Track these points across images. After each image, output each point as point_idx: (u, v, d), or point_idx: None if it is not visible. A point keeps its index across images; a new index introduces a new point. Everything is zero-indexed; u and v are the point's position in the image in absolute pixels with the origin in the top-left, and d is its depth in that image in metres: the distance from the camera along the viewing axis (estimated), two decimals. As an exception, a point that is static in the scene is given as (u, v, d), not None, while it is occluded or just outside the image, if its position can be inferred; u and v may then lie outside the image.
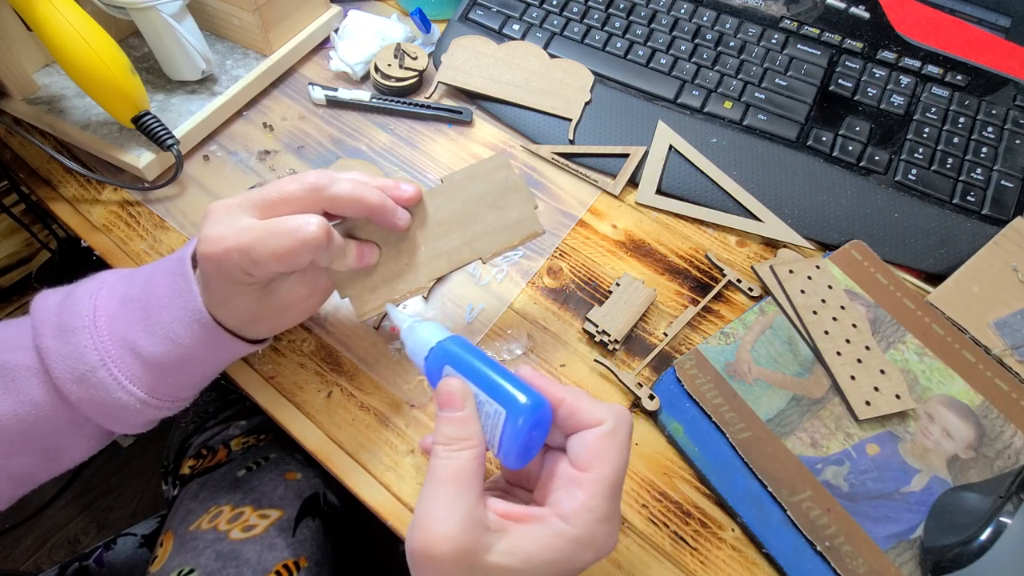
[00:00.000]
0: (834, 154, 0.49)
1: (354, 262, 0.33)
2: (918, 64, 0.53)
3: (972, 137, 0.49)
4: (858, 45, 0.54)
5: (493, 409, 0.27)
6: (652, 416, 0.39)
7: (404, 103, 0.51)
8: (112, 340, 0.32)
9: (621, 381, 0.40)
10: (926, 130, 0.50)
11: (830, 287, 0.43)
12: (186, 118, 0.47)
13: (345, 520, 0.54)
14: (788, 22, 0.56)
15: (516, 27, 0.55)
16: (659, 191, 0.48)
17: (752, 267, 0.45)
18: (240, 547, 0.45)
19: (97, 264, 0.43)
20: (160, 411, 0.35)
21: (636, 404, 0.39)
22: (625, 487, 0.37)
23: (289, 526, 0.48)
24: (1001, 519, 0.32)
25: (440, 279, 0.35)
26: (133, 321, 0.32)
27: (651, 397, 0.39)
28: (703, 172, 0.49)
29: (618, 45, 0.54)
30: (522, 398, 0.26)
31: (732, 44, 0.54)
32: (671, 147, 0.50)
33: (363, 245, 0.34)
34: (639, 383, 0.40)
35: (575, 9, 0.56)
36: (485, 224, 0.36)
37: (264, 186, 0.31)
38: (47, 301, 0.33)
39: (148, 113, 0.43)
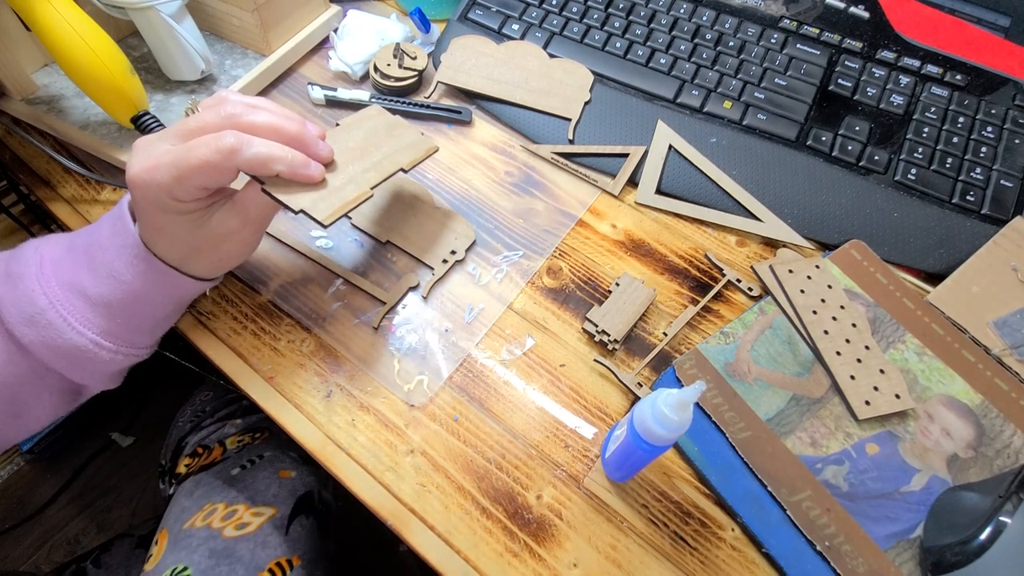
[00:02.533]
0: (834, 154, 0.49)
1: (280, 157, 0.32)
2: (918, 64, 0.53)
3: (972, 137, 0.49)
4: (858, 45, 0.54)
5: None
6: (652, 416, 0.39)
7: (403, 103, 0.51)
8: (59, 284, 0.33)
9: (621, 381, 0.40)
10: (926, 130, 0.50)
11: (830, 287, 0.43)
12: (185, 118, 0.47)
13: (339, 518, 0.55)
14: (787, 22, 0.56)
15: (515, 27, 0.55)
16: (659, 191, 0.48)
17: (752, 267, 0.45)
18: (233, 545, 0.45)
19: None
20: (118, 356, 0.35)
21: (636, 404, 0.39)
22: (625, 487, 0.37)
23: (282, 524, 0.48)
24: (1001, 518, 0.32)
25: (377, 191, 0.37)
26: (77, 264, 0.33)
27: (651, 397, 0.39)
28: (703, 172, 0.49)
29: (618, 45, 0.54)
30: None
31: (732, 44, 0.54)
32: (671, 147, 0.50)
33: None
34: (639, 383, 0.40)
35: (574, 9, 0.56)
36: (389, 147, 0.40)
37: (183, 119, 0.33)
38: None
39: (147, 113, 0.43)
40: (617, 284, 0.43)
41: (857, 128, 0.50)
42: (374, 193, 0.36)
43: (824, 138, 0.49)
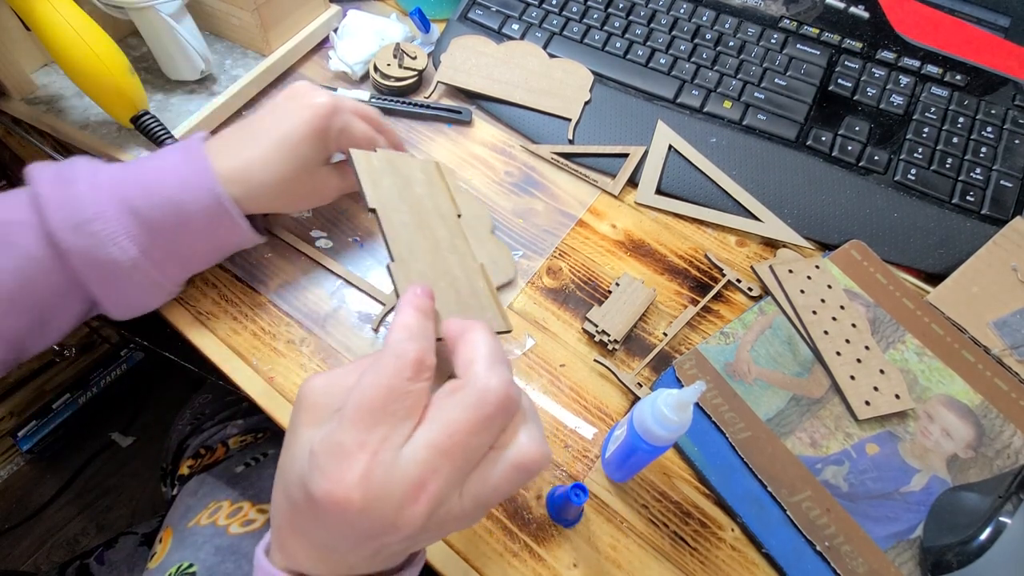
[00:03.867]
0: (833, 154, 0.49)
1: None
2: (917, 64, 0.53)
3: (971, 137, 0.49)
4: (857, 45, 0.54)
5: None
6: (652, 416, 0.39)
7: (403, 103, 0.51)
8: (111, 196, 0.33)
9: (621, 381, 0.40)
10: (925, 130, 0.50)
11: (829, 287, 0.43)
12: (185, 118, 0.47)
13: None
14: (787, 22, 0.56)
15: (515, 27, 0.55)
16: (659, 191, 0.48)
17: (752, 267, 0.45)
18: (239, 541, 0.45)
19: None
20: (145, 281, 0.35)
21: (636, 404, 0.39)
22: (625, 487, 0.37)
23: None
24: (1000, 519, 0.32)
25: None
26: (129, 182, 0.34)
27: (651, 397, 0.39)
28: (703, 172, 0.49)
29: (617, 45, 0.54)
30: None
31: (731, 44, 0.54)
32: (671, 147, 0.50)
33: None
34: (639, 383, 0.40)
35: (574, 9, 0.56)
36: (424, 198, 0.38)
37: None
38: (42, 165, 0.34)
39: (147, 113, 0.43)
40: (617, 284, 0.43)
41: (857, 128, 0.50)
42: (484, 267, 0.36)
43: (824, 138, 0.49)
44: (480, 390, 0.22)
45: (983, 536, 0.32)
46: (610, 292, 0.43)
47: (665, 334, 0.42)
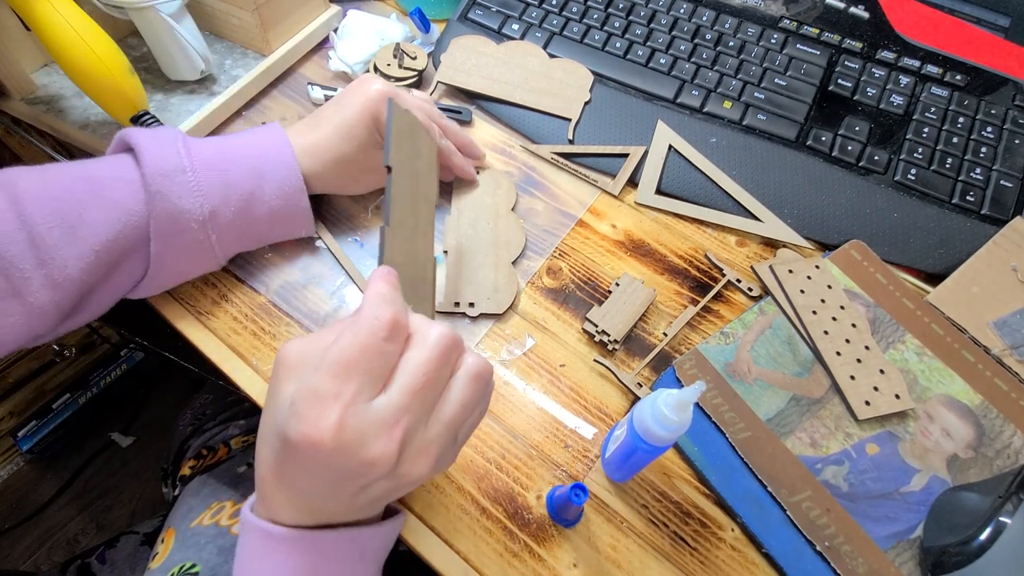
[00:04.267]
0: (833, 154, 0.49)
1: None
2: (917, 64, 0.53)
3: (971, 137, 0.49)
4: (857, 45, 0.54)
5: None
6: (652, 416, 0.39)
7: (403, 103, 0.51)
8: (199, 155, 0.36)
9: (621, 381, 0.40)
10: (925, 130, 0.50)
11: (829, 287, 0.43)
12: (185, 118, 0.47)
13: None
14: (787, 22, 0.55)
15: (515, 27, 0.55)
16: (659, 191, 0.48)
17: (752, 267, 0.45)
18: None
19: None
20: (207, 240, 0.37)
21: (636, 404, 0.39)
22: (625, 487, 0.37)
23: None
24: (1000, 519, 0.32)
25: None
26: (214, 146, 0.37)
27: (651, 397, 0.39)
28: (703, 172, 0.49)
29: (617, 45, 0.54)
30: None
31: (731, 44, 0.54)
32: (671, 147, 0.50)
33: None
34: (639, 383, 0.40)
35: (574, 9, 0.56)
36: (421, 172, 0.39)
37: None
38: (132, 130, 0.37)
39: (147, 113, 0.43)
40: (617, 284, 0.43)
41: (857, 128, 0.50)
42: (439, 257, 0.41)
43: (824, 138, 0.49)
44: (435, 336, 0.25)
45: (983, 536, 0.32)
46: (610, 292, 0.43)
47: (665, 334, 0.42)
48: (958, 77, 0.52)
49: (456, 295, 0.42)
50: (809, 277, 0.43)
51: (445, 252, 0.44)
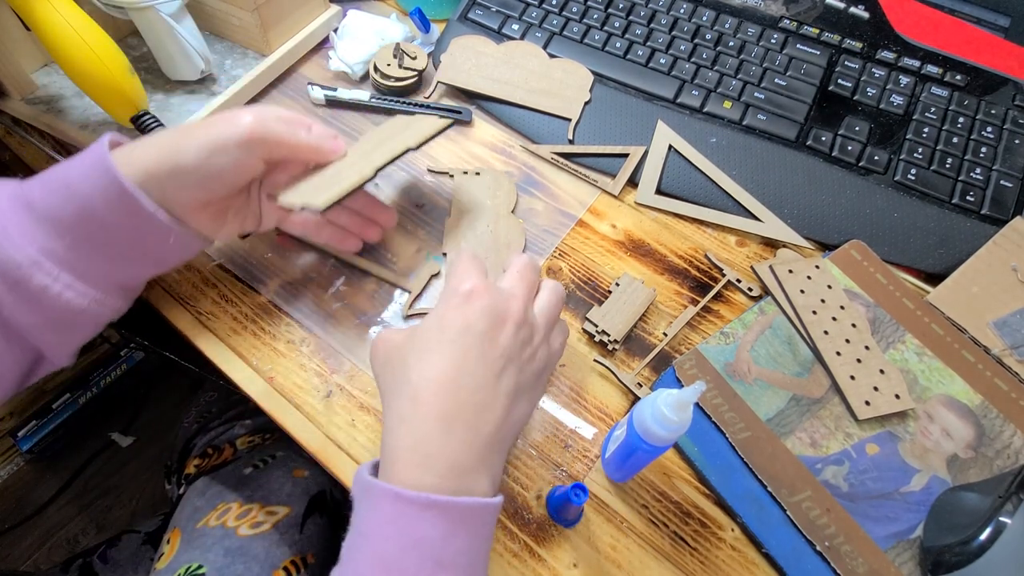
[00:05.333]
0: (833, 154, 0.49)
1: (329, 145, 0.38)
2: (917, 64, 0.53)
3: (971, 137, 0.49)
4: (857, 45, 0.54)
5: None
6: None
7: (403, 103, 0.51)
8: (3, 193, 0.31)
9: (621, 381, 0.40)
10: (925, 130, 0.50)
11: (829, 287, 0.43)
12: (185, 118, 0.47)
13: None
14: (787, 22, 0.55)
15: (515, 27, 0.55)
16: (659, 191, 0.48)
17: (752, 267, 0.45)
18: (248, 543, 0.45)
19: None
20: (58, 284, 0.31)
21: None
22: (625, 487, 0.37)
23: (297, 523, 0.48)
24: (1000, 519, 0.32)
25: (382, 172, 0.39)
26: (28, 181, 0.32)
27: (651, 397, 0.39)
28: (703, 172, 0.49)
29: (617, 45, 0.54)
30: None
31: (731, 44, 0.54)
32: (671, 147, 0.50)
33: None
34: (639, 383, 0.40)
35: (574, 9, 0.56)
36: (402, 136, 0.41)
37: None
38: None
39: (147, 113, 0.43)
40: (617, 284, 0.43)
41: (857, 128, 0.50)
42: (376, 176, 0.37)
43: (824, 138, 0.49)
44: (526, 260, 0.35)
45: (983, 536, 0.32)
46: (610, 292, 0.43)
47: (665, 334, 0.42)
48: (958, 77, 0.52)
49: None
50: (809, 277, 0.43)
51: (444, 254, 0.44)
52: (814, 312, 0.42)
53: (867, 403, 0.39)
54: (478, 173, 0.48)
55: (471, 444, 0.29)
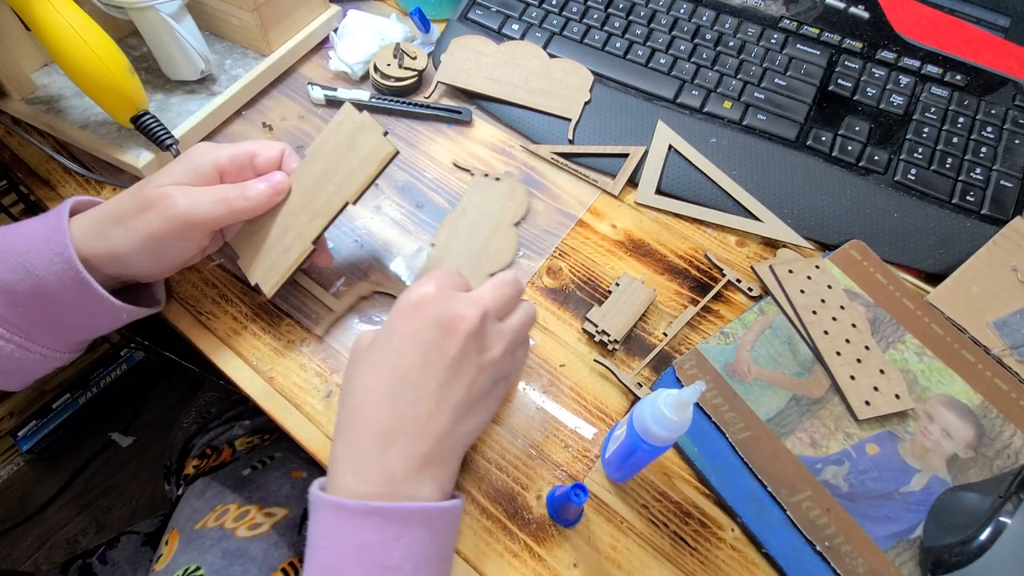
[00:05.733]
0: (834, 154, 0.49)
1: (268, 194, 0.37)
2: (917, 64, 0.53)
3: (971, 137, 0.49)
4: (857, 45, 0.54)
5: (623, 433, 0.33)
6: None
7: (403, 103, 0.51)
8: None
9: (621, 381, 0.40)
10: (925, 130, 0.50)
11: (829, 287, 0.43)
12: (185, 118, 0.47)
13: None
14: (787, 22, 0.55)
15: (515, 27, 0.55)
16: (659, 191, 0.48)
17: (752, 267, 0.45)
18: (246, 545, 0.45)
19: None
20: (7, 345, 0.33)
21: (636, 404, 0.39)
22: (625, 487, 0.37)
23: (295, 524, 0.48)
24: (1000, 519, 0.32)
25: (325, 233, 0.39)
26: None
27: (651, 397, 0.39)
28: (703, 172, 0.49)
29: (617, 45, 0.54)
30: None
31: (731, 44, 0.54)
32: (671, 147, 0.50)
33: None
34: (639, 383, 0.40)
35: (574, 9, 0.56)
36: (345, 168, 0.37)
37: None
38: None
39: (147, 113, 0.43)
40: (617, 284, 0.43)
41: (857, 128, 0.50)
42: (314, 246, 0.38)
43: (824, 138, 0.49)
44: (504, 276, 0.34)
45: (983, 536, 0.32)
46: (610, 292, 0.43)
47: (665, 334, 0.42)
48: (958, 77, 0.52)
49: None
50: (809, 277, 0.43)
51: (433, 245, 0.44)
52: (814, 312, 0.42)
53: (867, 403, 0.39)
54: (498, 179, 0.47)
55: (410, 456, 0.29)
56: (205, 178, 0.36)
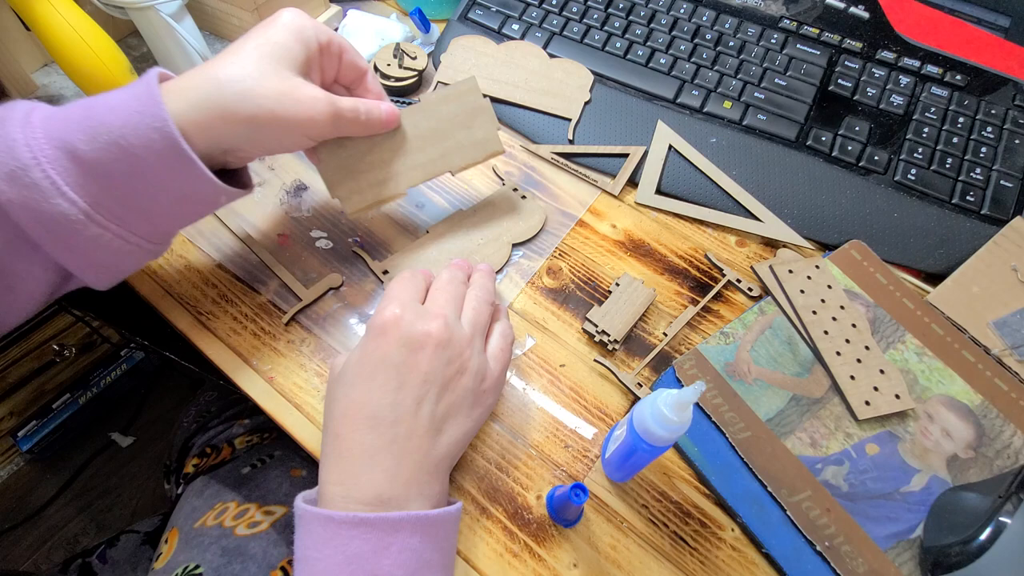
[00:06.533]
0: (834, 154, 0.49)
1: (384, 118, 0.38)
2: (917, 64, 0.53)
3: (971, 137, 0.49)
4: (857, 45, 0.54)
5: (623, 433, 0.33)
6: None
7: (404, 103, 0.51)
8: (47, 138, 0.29)
9: (621, 381, 0.40)
10: (925, 130, 0.50)
11: (829, 287, 0.43)
12: (185, 118, 0.47)
13: None
14: (787, 22, 0.56)
15: (515, 27, 0.55)
16: (659, 191, 0.48)
17: (752, 267, 0.45)
18: (245, 543, 0.45)
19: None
20: (107, 234, 0.31)
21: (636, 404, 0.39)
22: (625, 487, 0.37)
23: (294, 523, 0.48)
24: (1000, 519, 0.32)
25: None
26: (70, 123, 0.29)
27: (651, 397, 0.39)
28: (703, 172, 0.49)
29: (617, 45, 0.54)
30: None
31: (731, 44, 0.54)
32: (671, 147, 0.50)
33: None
34: (639, 383, 0.40)
35: (574, 9, 0.56)
36: (455, 141, 0.41)
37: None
38: None
39: (147, 113, 0.43)
40: (617, 284, 0.43)
41: (857, 128, 0.50)
42: (407, 192, 0.40)
43: (824, 138, 0.49)
44: (447, 275, 0.36)
45: (983, 536, 0.32)
46: (610, 292, 0.43)
47: (665, 334, 0.42)
48: (958, 77, 0.52)
49: (394, 269, 0.43)
50: (809, 277, 0.43)
51: (427, 231, 0.44)
52: (814, 312, 0.42)
53: (867, 403, 0.39)
54: (524, 196, 0.47)
55: (395, 475, 0.30)
56: (309, 52, 0.34)
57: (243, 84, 0.31)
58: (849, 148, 0.49)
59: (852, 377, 0.39)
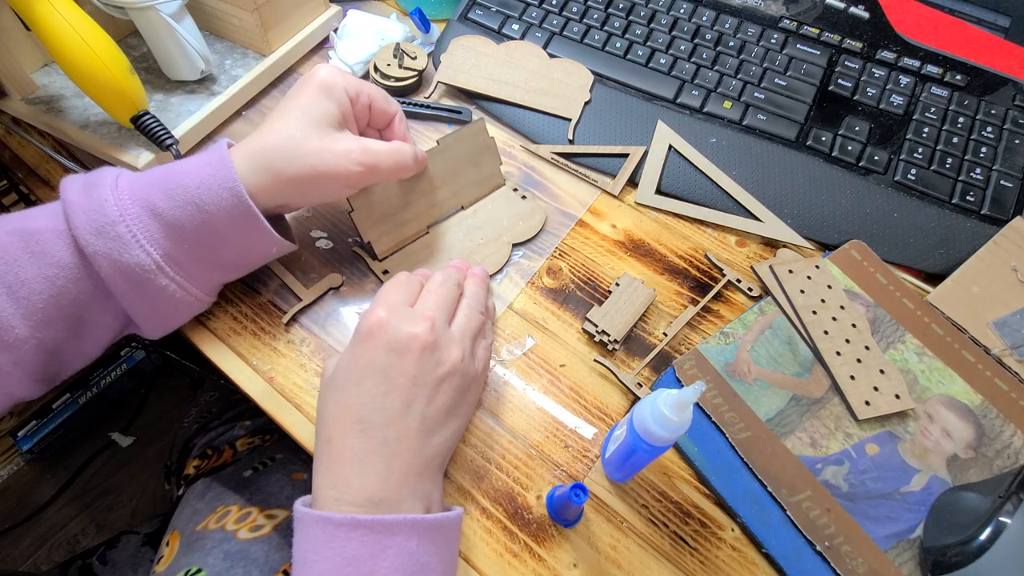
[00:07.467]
0: (834, 154, 0.49)
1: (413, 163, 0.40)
2: (917, 64, 0.53)
3: (971, 137, 0.49)
4: (857, 45, 0.54)
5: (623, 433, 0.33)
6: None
7: (403, 103, 0.51)
8: (132, 199, 0.33)
9: (621, 381, 0.40)
10: (925, 130, 0.50)
11: (829, 287, 0.43)
12: (185, 118, 0.47)
13: None
14: (787, 22, 0.56)
15: (515, 27, 0.55)
16: (659, 191, 0.48)
17: (752, 267, 0.45)
18: (248, 547, 0.45)
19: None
20: (172, 285, 0.35)
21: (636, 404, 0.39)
22: (625, 487, 0.37)
23: None
24: (1001, 519, 0.32)
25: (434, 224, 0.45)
26: (153, 185, 0.34)
27: (651, 397, 0.39)
28: (703, 172, 0.49)
29: (617, 45, 0.54)
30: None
31: (731, 44, 0.54)
32: (671, 147, 0.50)
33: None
34: (639, 383, 0.40)
35: (574, 9, 0.56)
36: (466, 178, 0.45)
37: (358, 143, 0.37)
38: (72, 176, 0.35)
39: (147, 113, 0.43)
40: (617, 284, 0.43)
41: (857, 128, 0.50)
42: (428, 231, 0.44)
43: (824, 138, 0.49)
44: (439, 278, 0.37)
45: (983, 536, 0.32)
46: (610, 292, 0.43)
47: (665, 334, 0.42)
48: (958, 77, 0.52)
49: (393, 269, 0.44)
50: (809, 277, 0.43)
51: (428, 231, 0.45)
52: (814, 312, 0.42)
53: (867, 403, 0.39)
54: (524, 196, 0.47)
55: (387, 478, 0.30)
56: (343, 108, 0.37)
57: (287, 146, 0.35)
58: (849, 148, 0.49)
59: (852, 377, 0.39)
